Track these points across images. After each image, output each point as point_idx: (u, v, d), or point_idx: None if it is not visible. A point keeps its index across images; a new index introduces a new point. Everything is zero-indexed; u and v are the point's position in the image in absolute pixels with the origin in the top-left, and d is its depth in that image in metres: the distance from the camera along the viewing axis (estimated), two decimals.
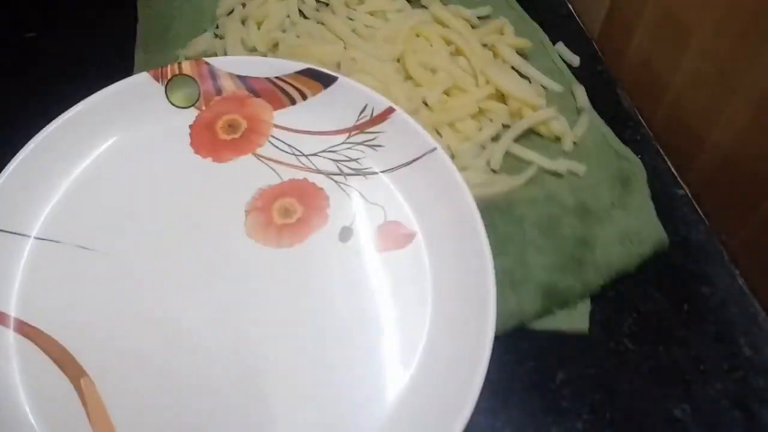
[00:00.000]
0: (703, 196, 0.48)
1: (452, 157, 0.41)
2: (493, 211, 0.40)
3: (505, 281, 0.37)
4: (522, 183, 0.42)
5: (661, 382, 0.38)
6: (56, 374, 0.30)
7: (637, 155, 0.48)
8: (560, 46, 0.57)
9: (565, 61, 0.54)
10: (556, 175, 0.43)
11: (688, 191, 0.48)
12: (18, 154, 0.34)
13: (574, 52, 0.56)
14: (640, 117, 0.51)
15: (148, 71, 0.38)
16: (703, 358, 0.39)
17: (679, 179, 0.49)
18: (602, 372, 0.39)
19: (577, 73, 0.54)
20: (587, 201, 0.41)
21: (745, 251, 0.44)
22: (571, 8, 0.63)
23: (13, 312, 0.31)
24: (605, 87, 0.53)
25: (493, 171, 0.42)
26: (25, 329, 0.31)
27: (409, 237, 0.35)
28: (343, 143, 0.38)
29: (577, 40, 0.58)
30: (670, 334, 0.40)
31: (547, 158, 0.43)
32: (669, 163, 0.48)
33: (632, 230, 0.41)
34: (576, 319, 0.38)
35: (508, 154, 0.43)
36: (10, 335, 0.31)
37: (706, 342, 0.40)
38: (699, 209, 0.47)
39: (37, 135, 0.35)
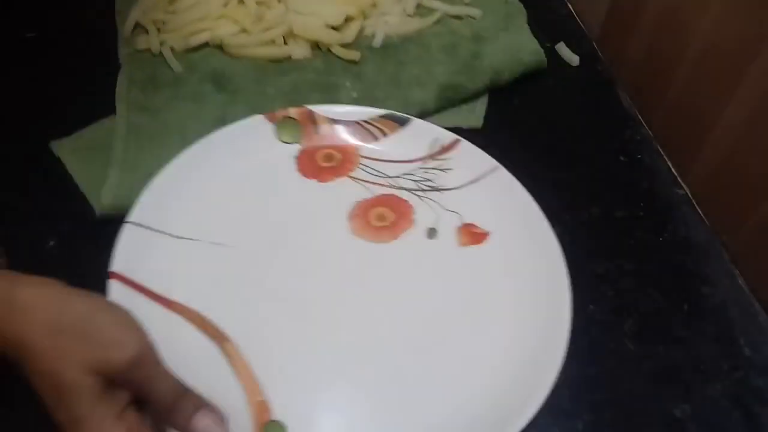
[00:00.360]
0: (703, 196, 0.48)
1: (374, 5, 0.55)
2: (408, 42, 0.53)
3: (413, 83, 0.51)
4: (430, 24, 0.55)
5: (661, 382, 0.38)
6: (204, 341, 0.37)
7: (637, 155, 0.49)
8: (560, 46, 0.57)
9: (564, 61, 0.54)
10: (458, 18, 0.56)
11: (688, 191, 0.48)
12: (156, 177, 0.41)
13: (574, 52, 0.57)
14: (640, 117, 0.51)
15: (262, 114, 0.46)
16: (703, 358, 0.39)
17: (679, 179, 0.49)
18: (602, 372, 0.39)
19: (577, 73, 0.55)
20: (480, 32, 0.54)
21: (745, 251, 0.44)
22: (571, 8, 0.63)
23: (162, 293, 0.38)
24: (605, 87, 0.53)
25: (409, 15, 0.55)
26: (175, 306, 0.38)
27: (484, 235, 0.43)
28: (419, 168, 0.46)
29: (577, 40, 0.58)
30: (670, 334, 0.40)
31: (449, 5, 0.56)
32: (669, 163, 0.48)
33: (513, 45, 0.53)
34: (472, 119, 0.50)
35: (420, 6, 0.57)
36: (164, 312, 0.38)
37: (706, 342, 0.40)
38: (699, 209, 0.47)
39: (170, 163, 0.42)
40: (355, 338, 0.38)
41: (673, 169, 0.48)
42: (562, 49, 0.57)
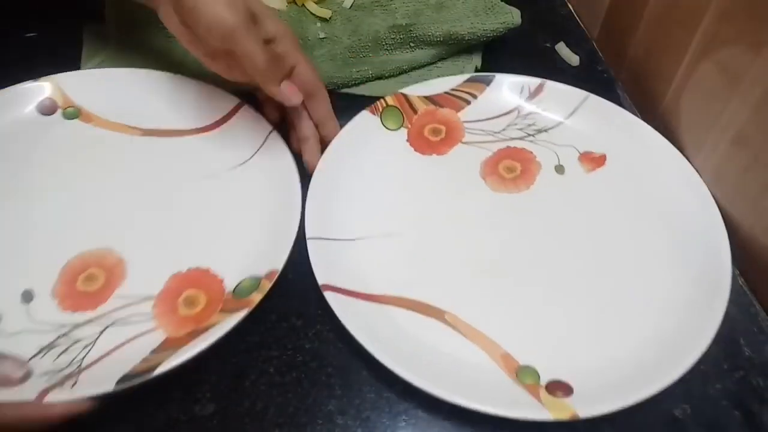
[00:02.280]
0: None
1: None
2: (376, 7, 0.56)
3: (373, 27, 0.54)
4: None
5: None
6: (424, 320, 0.39)
7: None
8: (560, 46, 0.57)
9: (564, 61, 0.54)
10: None
11: None
12: (308, 192, 0.44)
13: (574, 52, 0.57)
14: (640, 117, 0.51)
15: (366, 109, 0.49)
16: (703, 358, 0.39)
17: None
18: None
19: (577, 73, 0.55)
20: (444, 2, 0.55)
21: (745, 251, 0.44)
22: (571, 8, 0.63)
23: (364, 290, 0.40)
24: (605, 87, 0.53)
25: None
26: (380, 299, 0.40)
27: (603, 158, 0.48)
28: (518, 117, 0.50)
29: (577, 40, 0.58)
30: None
31: None
32: None
33: (479, 7, 0.55)
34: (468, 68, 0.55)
35: None
36: (376, 306, 0.40)
37: None
38: None
39: (313, 176, 0.45)
40: (544, 276, 0.42)
41: None
42: (562, 49, 0.57)
